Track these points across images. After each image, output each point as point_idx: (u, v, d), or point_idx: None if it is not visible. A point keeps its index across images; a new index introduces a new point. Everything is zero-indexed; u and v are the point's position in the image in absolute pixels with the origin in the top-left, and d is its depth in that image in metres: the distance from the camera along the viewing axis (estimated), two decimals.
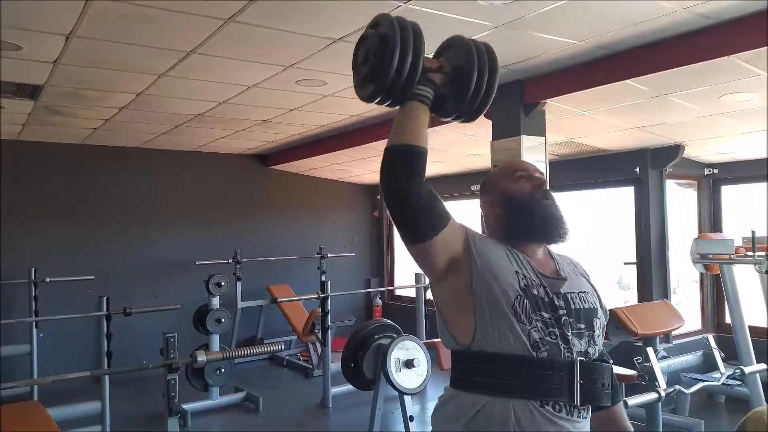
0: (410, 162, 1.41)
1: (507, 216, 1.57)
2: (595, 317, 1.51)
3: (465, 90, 1.52)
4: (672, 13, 2.80)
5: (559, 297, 1.46)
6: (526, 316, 1.40)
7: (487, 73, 1.53)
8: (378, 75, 1.47)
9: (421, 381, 3.51)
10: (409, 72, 1.45)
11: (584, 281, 1.59)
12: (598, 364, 1.45)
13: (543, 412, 1.37)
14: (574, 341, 1.43)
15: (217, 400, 5.15)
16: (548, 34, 3.12)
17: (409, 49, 1.45)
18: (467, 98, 1.53)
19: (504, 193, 1.59)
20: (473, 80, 1.51)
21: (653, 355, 3.12)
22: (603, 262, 6.55)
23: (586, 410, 1.44)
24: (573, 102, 3.99)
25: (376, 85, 1.49)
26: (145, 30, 2.99)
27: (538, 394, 1.38)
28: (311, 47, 3.28)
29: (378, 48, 1.48)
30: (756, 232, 4.21)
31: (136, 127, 5.47)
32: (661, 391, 2.94)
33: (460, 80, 1.53)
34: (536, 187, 1.59)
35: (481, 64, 1.52)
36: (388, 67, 1.44)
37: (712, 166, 5.65)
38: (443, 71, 1.54)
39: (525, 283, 1.44)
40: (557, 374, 1.39)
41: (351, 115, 5.03)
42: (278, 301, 6.32)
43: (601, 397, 1.44)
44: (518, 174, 1.60)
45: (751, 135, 4.57)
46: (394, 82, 1.46)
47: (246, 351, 3.40)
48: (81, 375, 3.04)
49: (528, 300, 1.42)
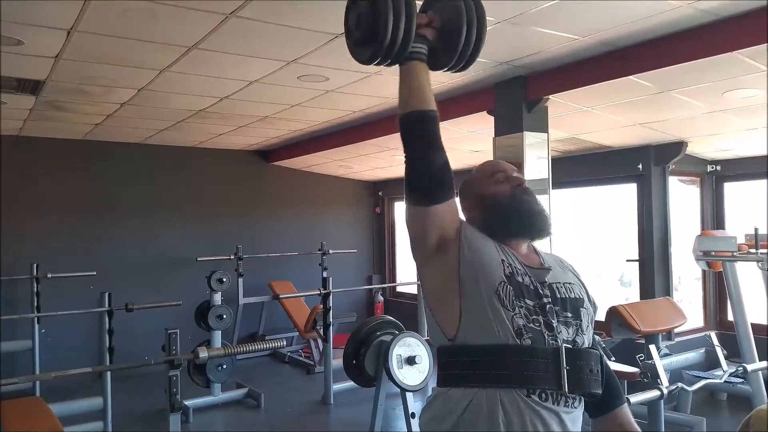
0: (423, 130, 1.49)
1: (488, 217, 1.58)
2: (582, 307, 1.51)
3: (456, 42, 1.55)
4: (675, 9, 2.79)
5: (544, 286, 1.47)
6: (510, 302, 1.40)
7: (476, 23, 1.55)
8: (373, 39, 1.50)
9: (422, 378, 3.51)
10: (404, 34, 1.48)
11: (570, 274, 1.60)
12: (585, 350, 1.44)
13: (529, 402, 1.36)
14: (561, 329, 1.42)
15: (218, 396, 5.16)
16: (551, 30, 3.11)
17: (402, 12, 1.47)
18: (458, 50, 1.56)
19: (483, 196, 1.60)
20: (463, 32, 1.54)
21: (655, 353, 3.11)
22: (605, 259, 6.55)
23: (575, 400, 1.41)
24: (576, 98, 3.98)
25: (373, 49, 1.52)
26: (147, 25, 2.98)
27: (523, 382, 1.36)
28: (313, 43, 3.27)
29: (368, 12, 1.51)
30: (759, 229, 4.19)
31: (138, 123, 5.47)
32: (663, 389, 2.93)
33: (450, 33, 1.55)
34: (515, 186, 1.60)
35: (470, 15, 1.54)
36: (384, 32, 1.46)
37: (715, 163, 5.63)
38: (433, 26, 1.56)
39: (510, 270, 1.45)
40: (542, 361, 1.37)
41: (353, 111, 5.02)
42: (280, 297, 6.32)
43: (590, 383, 1.42)
44: (497, 177, 1.62)
45: (754, 132, 4.56)
46: (391, 45, 1.48)
47: (248, 347, 3.40)
48: (83, 371, 3.05)
49: (512, 286, 1.43)
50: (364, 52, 1.57)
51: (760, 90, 3.59)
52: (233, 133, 6.03)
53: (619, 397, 1.59)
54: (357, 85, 4.15)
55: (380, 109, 4.91)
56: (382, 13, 1.47)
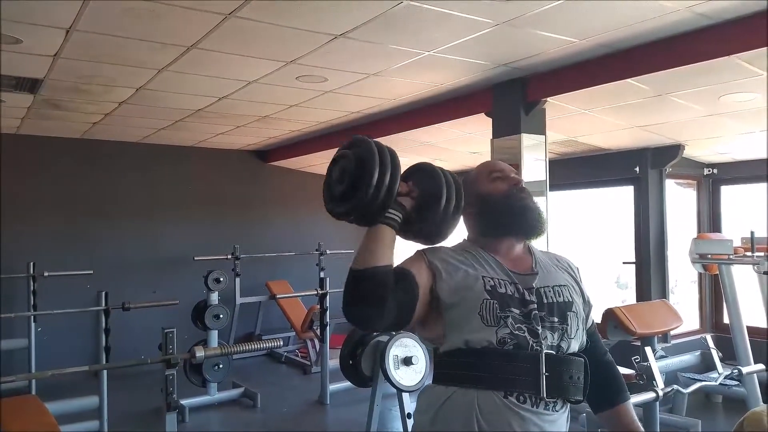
0: (376, 286, 1.43)
1: (483, 214, 1.60)
2: (570, 311, 1.52)
3: (432, 216, 1.54)
4: (673, 13, 2.80)
5: (531, 292, 1.49)
6: (494, 318, 1.43)
7: (454, 201, 1.55)
8: (353, 196, 1.50)
9: (419, 378, 3.51)
10: (383, 197, 1.48)
11: (563, 275, 1.61)
12: (566, 357, 1.46)
13: (507, 402, 1.39)
14: (546, 334, 1.45)
15: (215, 395, 5.16)
16: (549, 32, 3.12)
17: (385, 181, 1.47)
18: (433, 223, 1.55)
19: (480, 193, 1.62)
20: (441, 206, 1.53)
21: (651, 355, 3.11)
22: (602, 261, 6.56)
23: (555, 404, 1.44)
24: (573, 100, 3.99)
25: (350, 205, 1.51)
26: (146, 24, 2.98)
27: (502, 385, 1.40)
28: (312, 43, 3.27)
29: (355, 170, 1.50)
30: (755, 232, 4.21)
31: (136, 122, 5.46)
32: (658, 391, 2.94)
33: (428, 205, 1.54)
34: (512, 185, 1.62)
35: (449, 192, 1.54)
36: (364, 196, 1.47)
37: (711, 166, 5.65)
38: (411, 196, 1.55)
39: (492, 284, 1.48)
40: (522, 365, 1.41)
41: (351, 111, 5.03)
42: (277, 297, 6.32)
43: (569, 389, 1.44)
44: (494, 175, 1.64)
45: (751, 135, 4.57)
46: (369, 206, 1.48)
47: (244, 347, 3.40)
48: (79, 369, 3.05)
49: (496, 300, 1.45)
50: (341, 205, 1.55)
51: (757, 94, 3.60)
52: (231, 132, 6.03)
53: (622, 393, 1.63)
54: (356, 86, 4.16)
55: (378, 110, 4.91)
56: (367, 175, 1.47)
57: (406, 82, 4.05)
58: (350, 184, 1.51)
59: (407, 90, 4.27)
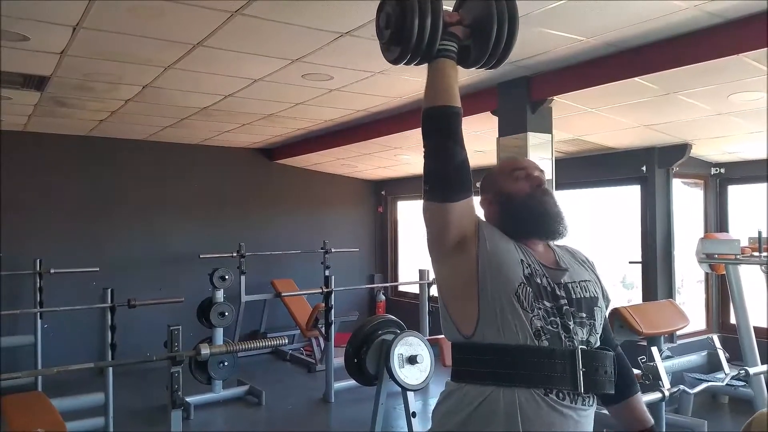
0: (446, 124, 1.49)
1: (506, 214, 1.58)
2: (596, 306, 1.53)
3: (487, 39, 1.55)
4: (681, 11, 2.78)
5: (560, 287, 1.49)
6: (529, 304, 1.42)
7: (507, 21, 1.56)
8: (401, 39, 1.52)
9: (424, 377, 3.50)
10: (430, 32, 1.49)
11: (585, 270, 1.61)
12: (599, 352, 1.47)
13: (547, 400, 1.38)
14: (576, 330, 1.45)
15: (220, 393, 5.17)
16: (556, 31, 3.10)
17: (428, 10, 1.49)
18: (489, 47, 1.57)
19: (502, 192, 1.61)
20: (494, 29, 1.54)
21: (657, 355, 3.10)
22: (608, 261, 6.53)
23: (590, 398, 1.45)
24: (580, 99, 3.97)
25: (401, 49, 1.54)
26: (153, 22, 2.98)
27: (541, 382, 1.39)
28: (318, 41, 3.26)
29: (397, 12, 1.53)
30: (762, 232, 4.18)
31: (142, 120, 5.47)
32: (664, 391, 2.93)
33: (481, 30, 1.56)
34: (535, 185, 1.60)
35: (501, 12, 1.55)
36: (410, 30, 1.48)
37: (719, 166, 5.62)
38: (463, 24, 1.57)
39: (529, 271, 1.46)
40: (559, 362, 1.40)
41: (357, 110, 5.02)
42: (282, 295, 6.33)
43: (604, 384, 1.45)
44: (517, 173, 1.62)
45: (759, 134, 4.54)
46: (418, 44, 1.50)
47: (249, 345, 3.41)
48: (85, 366, 3.06)
49: (531, 288, 1.43)
50: (393, 50, 1.58)
51: (765, 92, 3.58)
52: (237, 131, 6.03)
53: (632, 386, 1.64)
54: (361, 85, 4.15)
55: (384, 108, 4.90)
56: (408, 12, 1.49)
57: (412, 81, 4.04)
58: (396, 26, 1.53)
59: (413, 88, 4.26)
